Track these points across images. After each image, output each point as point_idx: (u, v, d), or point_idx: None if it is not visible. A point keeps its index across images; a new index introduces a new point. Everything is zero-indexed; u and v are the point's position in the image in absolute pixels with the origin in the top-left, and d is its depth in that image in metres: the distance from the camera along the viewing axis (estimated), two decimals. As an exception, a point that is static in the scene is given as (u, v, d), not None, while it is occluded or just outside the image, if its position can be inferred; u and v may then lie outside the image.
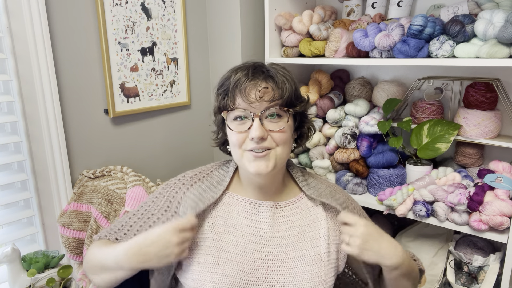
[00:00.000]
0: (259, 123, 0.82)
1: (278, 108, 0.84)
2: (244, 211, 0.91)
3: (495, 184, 1.14)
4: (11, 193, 1.30)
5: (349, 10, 1.63)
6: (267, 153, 0.84)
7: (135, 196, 1.28)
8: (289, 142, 0.89)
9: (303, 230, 0.92)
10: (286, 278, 0.86)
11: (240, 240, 0.88)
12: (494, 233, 1.11)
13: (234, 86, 0.84)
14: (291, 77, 0.88)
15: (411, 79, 1.57)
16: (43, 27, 1.23)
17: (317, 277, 0.88)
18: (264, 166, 0.83)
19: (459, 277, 1.25)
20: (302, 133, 0.96)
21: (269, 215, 0.91)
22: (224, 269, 0.85)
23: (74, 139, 1.39)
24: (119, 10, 1.43)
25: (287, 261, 0.88)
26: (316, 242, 0.91)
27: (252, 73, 0.84)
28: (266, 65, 0.88)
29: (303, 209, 0.95)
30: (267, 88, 0.83)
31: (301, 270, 0.87)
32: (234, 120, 0.86)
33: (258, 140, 0.82)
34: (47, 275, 1.17)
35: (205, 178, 0.97)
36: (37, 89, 1.25)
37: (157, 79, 1.61)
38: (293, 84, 0.88)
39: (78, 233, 1.31)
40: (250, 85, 0.83)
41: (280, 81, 0.84)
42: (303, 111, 0.92)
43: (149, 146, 1.65)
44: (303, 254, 0.89)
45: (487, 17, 1.13)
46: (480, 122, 1.26)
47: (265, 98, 0.82)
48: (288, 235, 0.90)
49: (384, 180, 1.37)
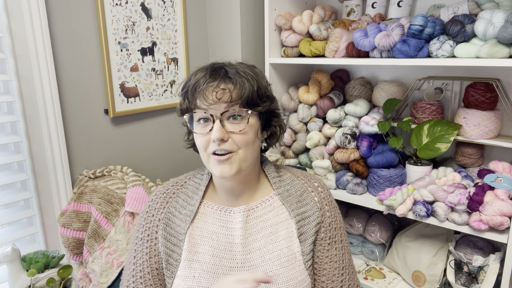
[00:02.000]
0: (219, 124, 0.81)
1: (237, 109, 0.82)
2: (219, 219, 0.90)
3: (495, 184, 1.14)
4: (11, 193, 1.30)
5: (349, 10, 1.63)
6: (229, 157, 0.82)
7: (135, 196, 1.28)
8: (253, 143, 0.85)
9: (276, 229, 0.90)
10: (261, 284, 0.84)
11: (215, 249, 0.87)
12: (494, 233, 1.11)
13: (193, 88, 0.83)
14: (255, 76, 0.85)
15: (411, 79, 1.57)
16: (43, 27, 1.23)
17: (292, 278, 0.86)
18: (228, 170, 0.82)
19: (459, 277, 1.25)
20: (273, 132, 0.94)
21: (242, 220, 0.89)
22: (200, 282, 0.84)
23: (74, 139, 1.39)
24: (119, 10, 1.43)
25: (261, 265, 0.86)
26: (290, 240, 0.89)
27: (210, 74, 0.83)
28: (227, 64, 0.86)
29: (275, 207, 0.92)
30: (225, 89, 0.81)
31: (276, 273, 0.85)
32: (198, 122, 0.85)
33: (218, 142, 0.81)
34: (47, 275, 1.17)
35: (180, 191, 0.95)
36: (37, 89, 1.25)
37: (157, 79, 1.61)
38: (256, 83, 0.85)
39: (78, 233, 1.31)
40: (208, 87, 0.81)
41: (239, 81, 0.82)
42: (270, 109, 0.90)
43: (149, 146, 1.65)
44: (277, 256, 0.87)
45: (487, 17, 1.13)
46: (480, 122, 1.26)
47: (223, 99, 0.81)
48: (261, 237, 0.89)
49: (384, 180, 1.37)
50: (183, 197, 0.94)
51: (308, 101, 1.58)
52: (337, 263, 0.92)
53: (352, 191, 1.44)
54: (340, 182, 1.48)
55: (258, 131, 0.87)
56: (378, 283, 1.44)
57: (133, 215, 1.29)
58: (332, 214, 0.95)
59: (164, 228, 0.90)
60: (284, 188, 0.94)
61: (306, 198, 0.94)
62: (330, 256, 0.92)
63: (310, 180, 0.98)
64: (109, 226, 1.28)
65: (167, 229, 0.90)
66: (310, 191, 0.95)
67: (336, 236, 0.94)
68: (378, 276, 1.48)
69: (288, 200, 0.92)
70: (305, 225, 0.91)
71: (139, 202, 1.27)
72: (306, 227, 0.91)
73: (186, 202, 0.93)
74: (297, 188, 0.95)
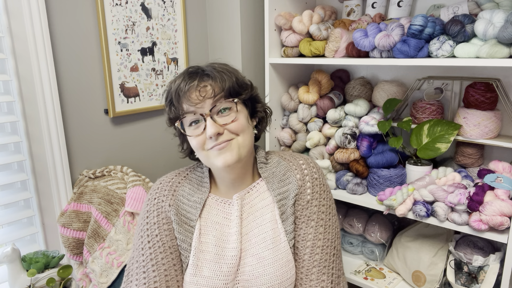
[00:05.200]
0: (211, 121, 0.84)
1: (224, 102, 0.85)
2: (222, 211, 0.93)
3: (495, 184, 1.14)
4: (11, 193, 1.30)
5: (349, 10, 1.63)
6: (229, 143, 0.85)
7: (135, 196, 1.28)
8: (248, 129, 0.89)
9: (261, 213, 0.92)
10: (250, 267, 0.87)
11: (219, 239, 0.90)
12: (494, 233, 1.11)
13: (176, 94, 0.86)
14: (229, 69, 0.90)
15: (411, 79, 1.57)
16: (43, 27, 1.23)
17: (277, 260, 0.87)
18: (230, 156, 0.85)
19: (459, 277, 1.25)
20: (260, 117, 0.97)
21: (238, 209, 0.92)
22: (202, 271, 0.87)
23: (74, 139, 1.39)
24: (119, 10, 1.43)
25: (249, 248, 0.89)
26: (275, 223, 0.90)
27: (188, 76, 0.86)
28: (202, 65, 0.90)
29: (261, 192, 0.95)
30: (206, 86, 0.84)
31: (261, 255, 0.87)
32: (189, 126, 0.88)
33: (215, 137, 0.84)
34: (47, 275, 1.17)
35: (184, 181, 0.98)
36: (37, 89, 1.25)
37: (157, 79, 1.61)
38: (233, 74, 0.89)
39: (78, 233, 1.31)
40: (189, 88, 0.84)
41: (217, 76, 0.86)
42: (252, 96, 0.93)
43: (149, 146, 1.65)
44: (262, 238, 0.89)
45: (487, 17, 1.13)
46: (480, 122, 1.26)
47: (207, 96, 0.84)
48: (248, 222, 0.91)
49: (384, 180, 1.37)
50: (189, 186, 0.97)
51: (308, 101, 1.58)
52: (310, 241, 0.89)
53: (352, 191, 1.44)
54: (340, 182, 1.48)
55: (248, 118, 0.91)
56: (378, 283, 1.44)
57: (133, 215, 1.29)
58: (315, 191, 0.92)
59: (176, 214, 0.92)
60: (270, 171, 0.95)
61: (289, 177, 0.94)
62: (303, 235, 0.90)
63: (296, 159, 0.97)
64: (109, 226, 1.28)
65: (178, 215, 0.92)
66: (294, 169, 0.95)
67: (313, 214, 0.90)
68: (378, 276, 1.48)
69: (271, 182, 0.93)
70: (286, 204, 0.91)
71: (139, 202, 1.27)
72: (287, 206, 0.91)
73: (193, 191, 0.95)
74: (281, 169, 0.96)
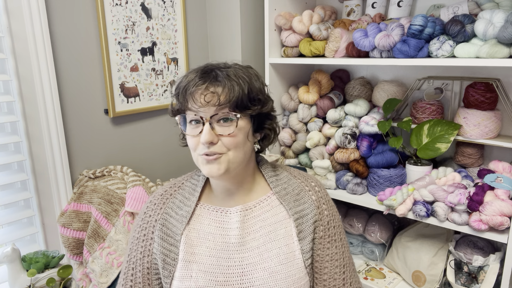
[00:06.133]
0: (209, 127, 0.81)
1: (226, 112, 0.82)
2: (215, 220, 0.91)
3: (495, 184, 1.14)
4: (11, 193, 1.30)
5: (349, 10, 1.63)
6: (218, 157, 0.82)
7: (135, 196, 1.28)
8: (243, 146, 0.85)
9: (274, 228, 0.90)
10: (260, 281, 0.85)
11: (212, 250, 0.88)
12: (494, 233, 1.11)
13: (183, 90, 0.83)
14: (247, 78, 0.84)
15: (411, 79, 1.57)
16: (43, 27, 1.23)
17: (290, 276, 0.86)
18: (216, 169, 0.83)
19: (459, 277, 1.25)
20: (266, 134, 0.93)
21: (239, 220, 0.90)
22: (197, 281, 0.85)
23: (74, 139, 1.39)
24: (119, 10, 1.43)
25: (260, 262, 0.87)
26: (290, 239, 0.90)
27: (200, 77, 0.82)
28: (220, 67, 0.86)
29: (273, 206, 0.93)
30: (214, 93, 0.81)
31: (274, 270, 0.86)
32: (189, 124, 0.86)
33: (207, 145, 0.81)
34: (47, 275, 1.17)
35: (177, 192, 0.96)
36: (37, 89, 1.25)
37: (157, 79, 1.61)
38: (246, 87, 0.83)
39: (78, 233, 1.31)
40: (197, 89, 0.81)
41: (227, 85, 0.81)
42: (263, 112, 0.89)
43: (149, 146, 1.65)
44: (276, 254, 0.88)
45: (487, 17, 1.13)
46: (480, 122, 1.26)
47: (212, 103, 0.80)
48: (259, 235, 0.89)
49: (384, 180, 1.37)
50: (180, 198, 0.95)
51: (308, 101, 1.58)
52: (338, 261, 0.93)
53: (352, 191, 1.44)
54: (340, 182, 1.48)
55: (249, 133, 0.87)
56: (378, 283, 1.44)
57: (133, 215, 1.29)
58: (330, 213, 0.95)
59: (161, 229, 0.91)
60: (282, 187, 0.94)
61: (303, 197, 0.94)
62: (331, 255, 0.93)
63: (307, 180, 0.99)
64: (109, 226, 1.28)
65: (163, 229, 0.91)
66: (307, 190, 0.96)
67: (335, 234, 0.94)
68: (378, 276, 1.48)
69: (285, 199, 0.92)
70: (303, 223, 0.92)
71: (139, 202, 1.27)
72: (304, 225, 0.91)
73: (182, 203, 0.94)
74: (294, 187, 0.95)
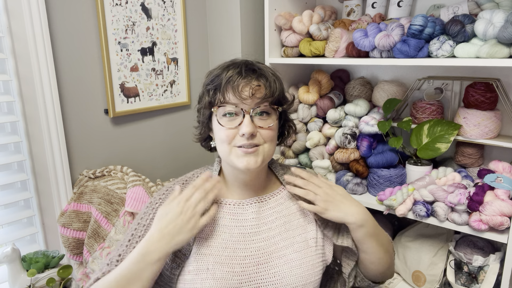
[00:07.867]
0: (250, 119, 0.85)
1: (268, 106, 0.87)
2: (229, 213, 0.93)
3: (495, 184, 1.14)
4: (11, 193, 1.30)
5: (349, 10, 1.63)
6: (256, 149, 0.86)
7: (135, 196, 1.28)
8: (275, 139, 0.92)
9: (289, 219, 0.95)
10: (276, 268, 0.88)
11: (228, 241, 0.89)
12: (494, 233, 1.11)
13: (226, 82, 0.85)
14: (279, 76, 0.93)
15: (411, 79, 1.57)
16: (43, 27, 1.23)
17: (305, 263, 0.90)
18: (254, 162, 0.86)
19: (459, 277, 1.25)
20: (283, 131, 1.00)
21: (255, 211, 0.93)
22: (214, 273, 0.85)
23: (74, 139, 1.39)
24: (119, 10, 1.43)
25: (276, 251, 0.90)
26: (303, 228, 0.95)
27: (245, 70, 0.86)
28: (255, 63, 0.91)
29: (287, 199, 0.98)
30: (259, 86, 0.86)
31: (289, 257, 0.90)
32: (223, 116, 0.88)
33: (248, 136, 0.85)
34: (47, 275, 1.17)
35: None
36: (37, 89, 1.25)
37: (157, 79, 1.61)
38: (281, 84, 0.92)
39: (78, 233, 1.31)
40: (243, 82, 0.85)
41: (271, 80, 0.88)
42: (287, 110, 0.96)
43: (149, 146, 1.65)
44: (290, 242, 0.92)
45: (487, 17, 1.13)
46: (480, 122, 1.26)
47: (256, 96, 0.85)
48: (275, 226, 0.93)
49: (384, 180, 1.37)
50: None
51: (308, 101, 1.58)
52: None
53: (352, 191, 1.44)
54: (340, 182, 1.48)
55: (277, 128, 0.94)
56: (378, 283, 1.44)
57: (133, 215, 1.29)
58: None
59: None
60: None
61: None
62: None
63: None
64: (109, 226, 1.28)
65: None
66: None
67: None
68: (378, 276, 1.48)
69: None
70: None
71: (139, 202, 1.27)
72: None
73: None
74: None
